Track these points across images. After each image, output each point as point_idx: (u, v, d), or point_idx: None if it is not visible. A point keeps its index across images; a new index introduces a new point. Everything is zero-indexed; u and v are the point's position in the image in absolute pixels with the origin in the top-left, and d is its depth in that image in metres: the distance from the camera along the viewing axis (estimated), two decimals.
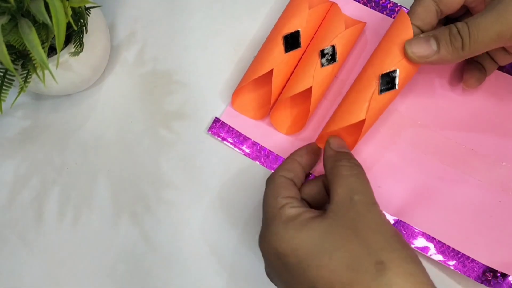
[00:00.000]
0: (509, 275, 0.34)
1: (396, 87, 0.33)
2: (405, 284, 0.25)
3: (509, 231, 0.35)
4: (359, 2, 0.41)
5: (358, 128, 0.34)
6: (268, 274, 0.32)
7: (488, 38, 0.30)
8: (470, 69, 0.37)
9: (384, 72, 0.33)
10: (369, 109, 0.33)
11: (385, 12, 0.41)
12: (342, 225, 0.28)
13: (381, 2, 0.41)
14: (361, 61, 0.40)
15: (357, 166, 0.31)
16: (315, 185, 0.34)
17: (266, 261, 0.31)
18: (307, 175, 0.37)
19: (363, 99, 0.33)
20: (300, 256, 0.28)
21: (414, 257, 0.27)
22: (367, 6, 0.41)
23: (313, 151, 0.36)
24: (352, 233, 0.27)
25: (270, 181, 0.33)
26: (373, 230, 0.27)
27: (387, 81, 0.33)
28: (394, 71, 0.33)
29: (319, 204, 0.34)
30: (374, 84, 0.33)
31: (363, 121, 0.33)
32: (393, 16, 0.40)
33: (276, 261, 0.29)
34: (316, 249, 0.27)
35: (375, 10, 0.41)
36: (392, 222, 0.36)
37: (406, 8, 0.40)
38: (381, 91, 0.33)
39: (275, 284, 0.32)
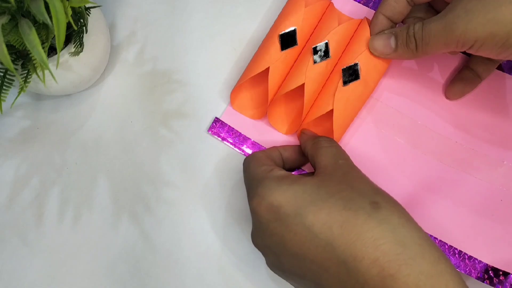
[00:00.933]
0: (511, 274, 0.34)
1: (359, 77, 0.35)
2: (399, 219, 0.27)
3: (511, 230, 0.35)
4: (359, 2, 0.41)
5: (334, 122, 0.36)
6: (255, 238, 0.32)
7: (436, 45, 0.32)
8: (455, 79, 0.38)
9: (346, 66, 0.36)
10: (336, 100, 0.35)
11: None
12: (333, 180, 0.30)
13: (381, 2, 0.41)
14: None
15: (335, 141, 0.35)
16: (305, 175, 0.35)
17: (257, 219, 0.30)
18: (291, 170, 0.38)
19: (330, 92, 0.36)
20: (296, 204, 0.29)
21: (398, 202, 0.29)
22: (367, 6, 0.41)
23: (302, 152, 0.36)
24: (343, 184, 0.29)
25: (249, 158, 0.34)
26: (361, 182, 0.30)
27: (350, 73, 0.36)
28: (356, 64, 0.36)
29: None
30: (338, 78, 0.36)
31: (332, 111, 0.35)
32: None
33: (268, 216, 0.29)
34: (310, 197, 0.29)
35: (375, 10, 0.41)
36: None
37: None
38: (345, 82, 0.35)
39: (261, 247, 0.31)
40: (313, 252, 0.28)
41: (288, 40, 0.37)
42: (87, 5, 0.35)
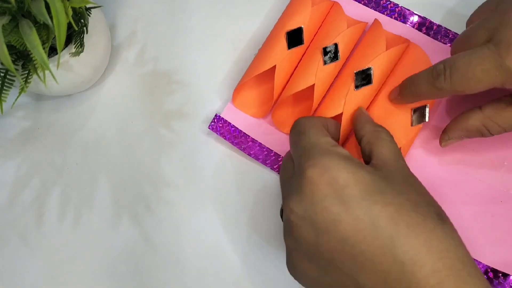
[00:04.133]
0: (511, 275, 0.34)
1: (372, 82, 0.35)
2: (459, 238, 0.27)
3: (510, 231, 0.35)
4: (360, 2, 0.41)
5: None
6: (296, 205, 0.28)
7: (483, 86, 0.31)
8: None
9: (359, 70, 0.35)
10: (346, 104, 0.35)
11: (385, 13, 0.41)
12: (398, 178, 0.28)
13: (381, 2, 0.41)
14: None
15: (393, 137, 0.32)
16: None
17: (311, 189, 0.27)
18: None
19: (341, 95, 0.36)
20: (365, 189, 0.27)
21: None
22: (367, 6, 0.41)
23: (341, 133, 0.35)
24: (410, 186, 0.28)
25: (308, 122, 0.31)
26: (423, 189, 0.29)
27: (362, 78, 0.35)
28: (369, 68, 0.35)
29: None
30: (350, 81, 0.35)
31: (341, 115, 0.35)
32: (393, 16, 0.40)
33: (327, 190, 0.27)
34: (379, 188, 0.27)
35: (376, 10, 0.41)
36: None
37: (408, 9, 0.40)
38: (357, 87, 0.35)
39: (299, 218, 0.28)
40: (368, 242, 0.26)
41: (295, 39, 0.37)
42: (87, 6, 0.35)
